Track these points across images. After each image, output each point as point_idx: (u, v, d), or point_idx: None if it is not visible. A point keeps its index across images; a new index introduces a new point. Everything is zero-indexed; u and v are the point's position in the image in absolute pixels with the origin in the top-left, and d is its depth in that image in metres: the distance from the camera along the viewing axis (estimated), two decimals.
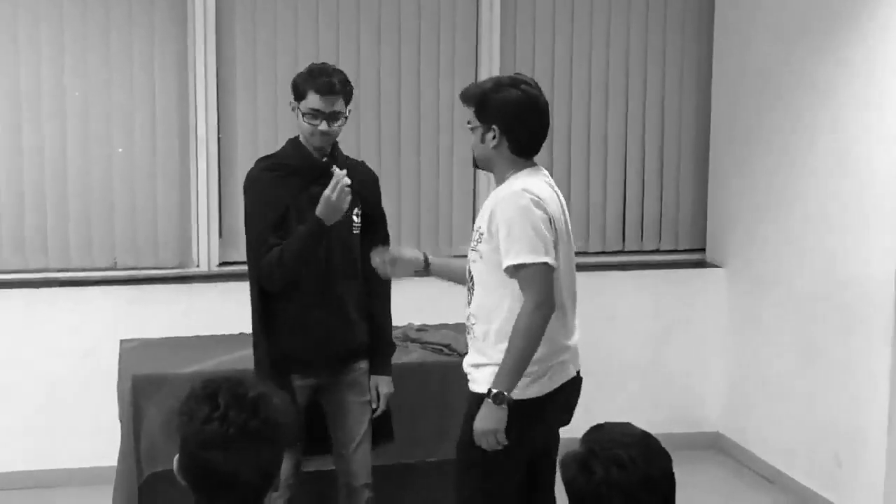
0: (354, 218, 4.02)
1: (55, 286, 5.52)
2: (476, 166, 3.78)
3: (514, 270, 3.48)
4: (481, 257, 3.58)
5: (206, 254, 5.72)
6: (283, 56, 5.72)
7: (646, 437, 2.31)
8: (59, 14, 5.45)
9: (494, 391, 3.47)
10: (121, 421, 4.51)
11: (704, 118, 6.24)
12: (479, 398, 3.56)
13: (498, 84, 3.61)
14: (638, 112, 6.18)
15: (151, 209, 5.65)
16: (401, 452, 4.53)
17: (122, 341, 4.81)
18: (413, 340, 4.72)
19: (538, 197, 3.51)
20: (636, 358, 6.11)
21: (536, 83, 3.65)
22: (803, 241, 5.46)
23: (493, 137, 3.57)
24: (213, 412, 2.19)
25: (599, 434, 2.31)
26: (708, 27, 6.17)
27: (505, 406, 3.47)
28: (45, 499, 5.38)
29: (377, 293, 4.13)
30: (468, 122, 3.64)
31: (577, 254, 5.99)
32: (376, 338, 4.12)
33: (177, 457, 2.26)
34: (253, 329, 4.07)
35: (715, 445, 6.04)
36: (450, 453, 4.50)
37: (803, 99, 5.44)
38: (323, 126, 3.98)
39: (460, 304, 3.75)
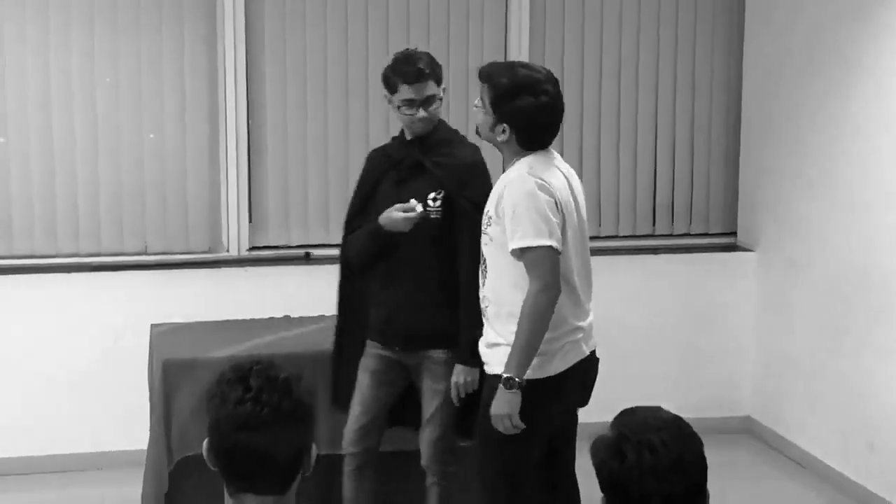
0: (430, 203, 4.06)
1: (86, 271, 5.54)
2: (478, 134, 3.80)
3: (520, 253, 3.54)
4: (491, 240, 3.65)
5: (235, 238, 5.73)
6: (313, 41, 5.71)
7: (677, 420, 2.29)
8: (90, 0, 5.46)
9: (505, 376, 3.53)
10: (151, 405, 4.53)
11: (735, 101, 6.18)
12: (493, 380, 3.61)
13: (517, 87, 3.62)
14: (668, 96, 6.13)
15: (182, 194, 5.66)
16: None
17: (152, 326, 4.82)
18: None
19: (544, 181, 3.57)
20: (667, 342, 6.08)
21: (552, 78, 3.68)
22: (835, 223, 5.41)
23: (504, 132, 3.63)
24: (245, 394, 2.19)
25: (630, 418, 2.29)
26: (739, 9, 6.12)
27: (517, 390, 3.52)
28: (76, 482, 5.41)
29: (465, 283, 4.00)
30: (480, 101, 3.68)
31: (608, 237, 6.05)
32: (459, 327, 4.04)
33: (206, 441, 2.25)
34: None
35: (746, 430, 6.01)
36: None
37: (836, 82, 5.38)
38: (420, 113, 4.07)
39: None
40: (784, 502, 5.41)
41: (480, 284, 3.73)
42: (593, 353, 3.79)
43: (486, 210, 3.69)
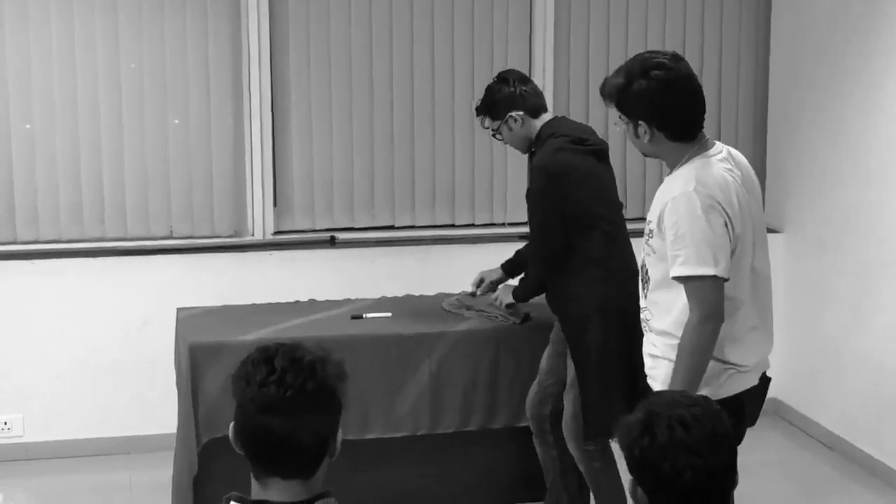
0: None
1: (112, 255, 5.56)
2: (645, 155, 3.57)
3: (680, 281, 3.27)
4: (654, 252, 3.38)
5: (260, 223, 5.73)
6: (337, 25, 5.70)
7: (706, 399, 2.28)
8: None
9: None
10: (178, 389, 4.55)
11: (763, 86, 6.14)
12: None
13: (629, 78, 3.34)
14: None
15: (207, 179, 5.67)
16: (455, 420, 4.54)
17: (178, 310, 4.83)
18: (469, 308, 4.69)
19: (712, 196, 3.24)
20: None
21: (673, 55, 3.37)
22: (862, 205, 5.37)
23: (645, 132, 3.33)
24: (270, 375, 2.17)
25: (658, 398, 2.29)
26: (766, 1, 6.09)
27: None
28: (104, 466, 5.44)
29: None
30: (619, 118, 3.41)
31: (634, 220, 6.02)
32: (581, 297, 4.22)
33: (232, 424, 2.24)
34: None
35: (774, 411, 5.98)
36: (503, 421, 4.54)
37: (861, 65, 5.34)
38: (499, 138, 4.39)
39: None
40: (812, 484, 5.39)
41: (641, 293, 3.50)
42: (765, 373, 3.55)
43: (648, 219, 3.42)
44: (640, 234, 3.60)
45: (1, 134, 5.42)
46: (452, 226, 5.95)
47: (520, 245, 4.67)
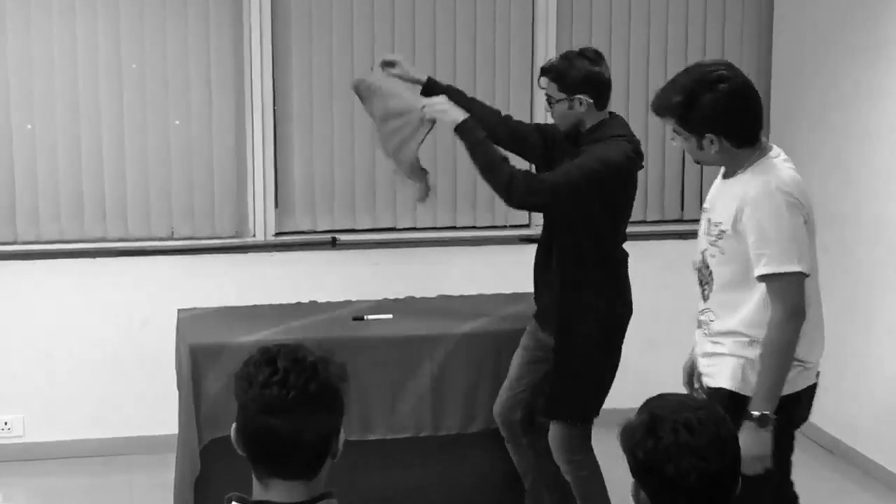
0: None
1: (113, 256, 5.55)
2: (698, 163, 3.59)
3: (764, 279, 3.29)
4: (722, 254, 3.38)
5: (262, 224, 5.73)
6: (339, 27, 5.70)
7: (710, 402, 2.28)
8: None
9: (758, 414, 3.26)
10: (179, 390, 4.54)
11: (765, 89, 6.13)
12: (717, 394, 3.37)
13: (692, 92, 3.31)
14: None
15: (208, 179, 5.66)
16: (457, 423, 4.53)
17: (179, 311, 4.83)
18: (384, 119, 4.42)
19: (792, 195, 3.30)
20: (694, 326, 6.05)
21: (727, 64, 3.40)
22: (864, 207, 5.37)
23: (712, 143, 3.33)
24: (272, 376, 2.17)
25: (662, 401, 2.28)
26: (768, 2, 6.08)
27: (771, 428, 3.27)
28: (105, 466, 5.44)
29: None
30: (675, 133, 3.40)
31: (636, 223, 6.02)
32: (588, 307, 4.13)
33: (234, 425, 2.24)
34: None
35: None
36: None
37: (864, 66, 5.34)
38: (546, 106, 4.17)
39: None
40: (813, 488, 5.36)
41: (700, 294, 3.50)
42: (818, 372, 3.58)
43: (714, 220, 3.42)
44: (651, 235, 3.59)
45: (2, 134, 5.42)
46: (454, 227, 5.95)
47: (523, 247, 4.65)
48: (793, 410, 3.43)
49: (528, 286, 4.60)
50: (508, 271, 5.50)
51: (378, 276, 5.66)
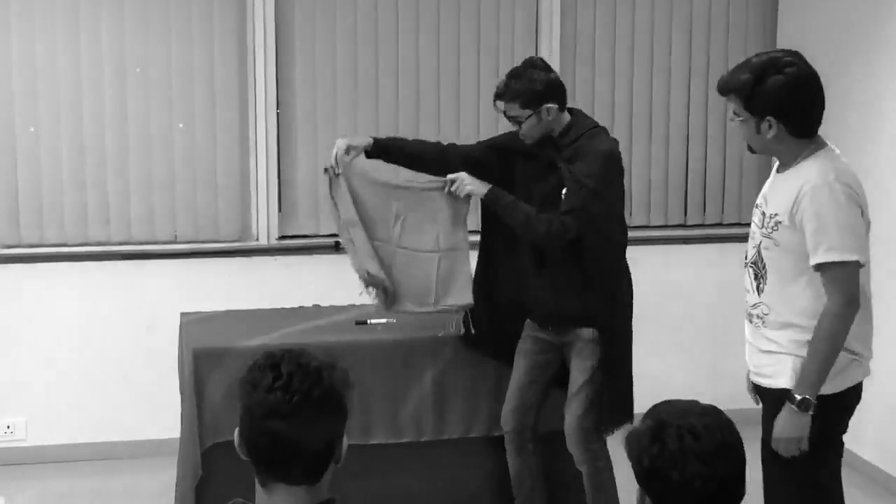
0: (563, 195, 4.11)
1: (116, 259, 5.55)
2: (752, 152, 3.52)
3: (821, 268, 3.28)
4: (776, 245, 3.37)
5: (265, 227, 5.73)
6: (343, 29, 5.70)
7: (716, 409, 2.27)
8: None
9: (801, 397, 3.27)
10: (182, 394, 4.53)
11: None
12: (778, 394, 3.35)
13: (761, 72, 3.31)
14: (701, 84, 6.10)
15: (211, 183, 5.66)
16: (459, 427, 4.53)
17: (182, 314, 4.82)
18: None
19: (850, 186, 3.30)
20: (700, 333, 6.05)
21: (798, 54, 3.37)
22: (872, 212, 5.34)
23: (770, 127, 3.32)
24: (276, 381, 2.17)
25: (668, 407, 2.27)
26: None
27: (811, 412, 3.27)
28: (108, 470, 5.44)
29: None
30: (734, 115, 3.38)
31: (638, 227, 6.01)
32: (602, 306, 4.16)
33: (237, 429, 2.23)
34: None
35: None
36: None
37: (866, 67, 5.32)
38: (513, 125, 4.15)
39: None
40: None
41: (752, 289, 3.47)
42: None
43: (769, 211, 3.40)
44: (655, 240, 3.58)
45: (6, 137, 5.43)
46: None
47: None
48: (847, 403, 3.43)
49: None
50: None
51: None
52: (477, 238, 4.43)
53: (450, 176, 4.28)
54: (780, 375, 3.38)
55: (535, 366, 4.36)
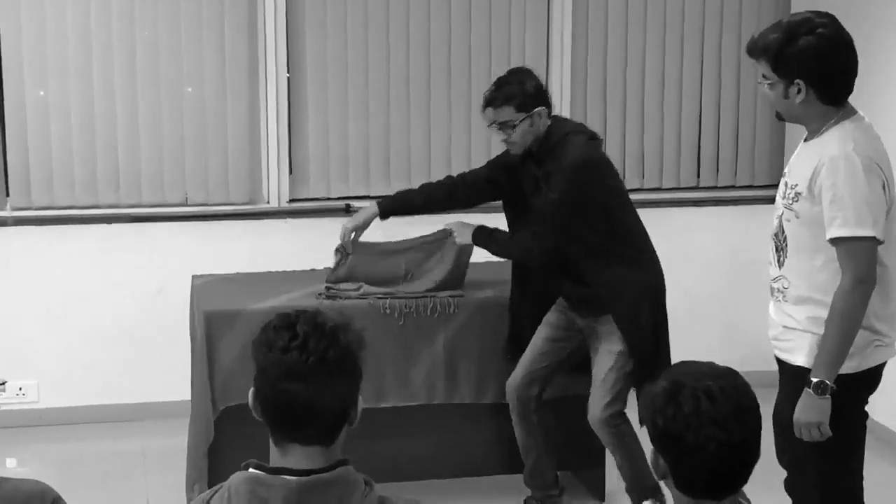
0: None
1: (127, 222, 5.55)
2: (780, 119, 3.43)
3: (836, 242, 3.18)
4: (798, 217, 3.26)
5: (276, 190, 5.71)
6: None
7: (732, 371, 2.25)
8: None
9: (816, 380, 3.19)
10: (193, 356, 4.54)
11: None
12: (796, 371, 3.29)
13: (791, 33, 3.19)
14: (714, 47, 6.05)
15: (222, 146, 5.64)
16: (470, 392, 4.53)
17: (193, 277, 4.82)
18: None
19: (871, 158, 3.17)
20: (713, 296, 6.03)
21: (830, 15, 3.26)
22: None
23: (799, 91, 3.19)
24: (292, 341, 2.14)
25: (684, 368, 2.25)
26: None
27: (828, 396, 3.18)
28: (119, 432, 5.45)
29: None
30: (763, 78, 3.26)
31: (651, 190, 5.98)
32: (625, 288, 4.19)
33: (252, 391, 2.21)
34: None
35: None
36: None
37: (881, 35, 5.28)
38: (501, 135, 4.17)
39: None
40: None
41: (774, 262, 3.36)
42: None
43: (790, 182, 3.29)
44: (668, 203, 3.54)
45: (16, 101, 5.41)
46: None
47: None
48: (867, 386, 3.36)
49: None
50: None
51: None
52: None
53: (447, 225, 4.45)
54: (798, 352, 3.32)
55: (553, 338, 4.37)
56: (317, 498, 2.13)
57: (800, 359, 3.30)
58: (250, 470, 2.19)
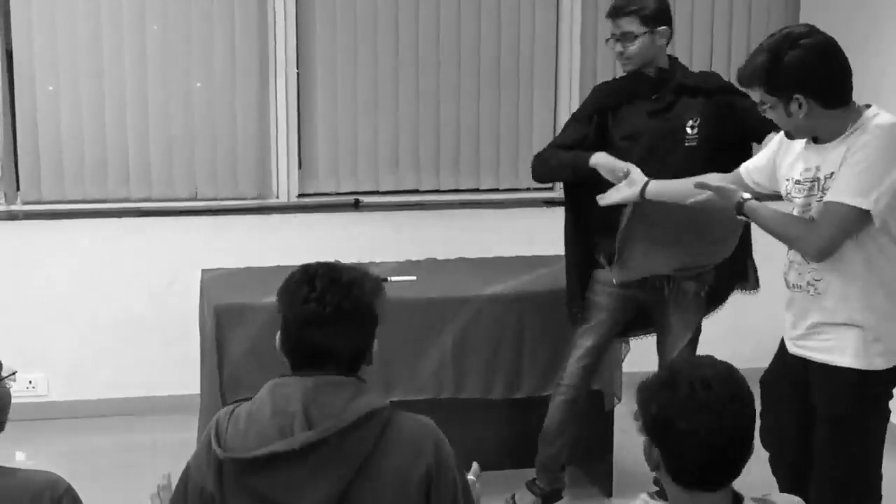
0: (688, 130, 4.03)
1: (136, 216, 5.56)
2: (791, 138, 3.33)
3: (830, 205, 3.14)
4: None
5: (285, 185, 5.73)
6: None
7: (729, 365, 2.26)
8: None
9: (742, 202, 3.31)
10: (203, 350, 4.55)
11: None
12: (843, 374, 3.23)
13: (775, 52, 3.17)
14: (723, 43, 6.05)
15: (231, 140, 5.66)
16: (478, 387, 4.53)
17: (203, 271, 4.84)
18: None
19: None
20: None
21: (809, 24, 3.27)
22: None
23: (800, 106, 3.16)
24: (310, 293, 2.47)
25: (681, 360, 2.28)
26: None
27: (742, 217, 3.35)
28: (128, 426, 5.47)
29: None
30: (762, 104, 3.24)
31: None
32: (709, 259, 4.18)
33: (278, 334, 2.53)
34: None
35: None
36: (526, 391, 4.52)
37: (887, 65, 5.28)
38: (618, 48, 4.08)
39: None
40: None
41: (801, 257, 3.31)
42: None
43: (816, 175, 3.23)
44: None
45: (26, 96, 5.42)
46: (477, 190, 5.93)
47: (546, 210, 4.61)
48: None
49: (551, 249, 4.59)
50: (531, 234, 5.50)
51: (400, 238, 5.65)
52: None
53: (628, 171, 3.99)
54: (839, 351, 3.25)
55: (616, 325, 4.32)
56: (331, 391, 2.43)
57: (845, 359, 3.24)
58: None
